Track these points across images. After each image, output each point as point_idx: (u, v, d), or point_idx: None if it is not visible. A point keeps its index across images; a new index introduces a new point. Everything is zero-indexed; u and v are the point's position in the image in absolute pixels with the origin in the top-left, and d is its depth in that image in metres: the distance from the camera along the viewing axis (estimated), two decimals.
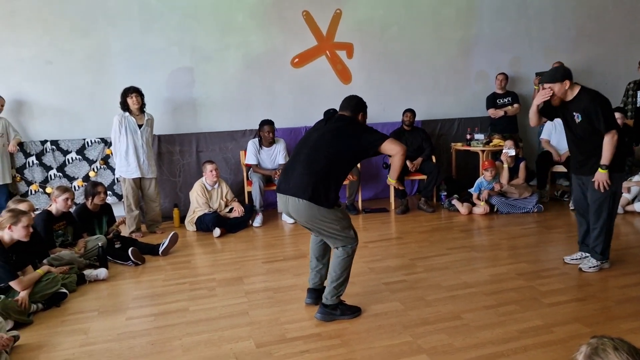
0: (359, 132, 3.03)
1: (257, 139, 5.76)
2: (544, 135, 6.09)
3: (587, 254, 3.85)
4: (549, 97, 3.59)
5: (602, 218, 3.64)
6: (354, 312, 3.15)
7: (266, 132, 5.64)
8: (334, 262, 3.11)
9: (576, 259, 3.90)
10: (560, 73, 3.55)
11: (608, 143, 3.49)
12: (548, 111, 3.75)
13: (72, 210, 4.45)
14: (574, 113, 3.57)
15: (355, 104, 3.18)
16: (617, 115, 5.79)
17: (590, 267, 3.73)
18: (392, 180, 3.30)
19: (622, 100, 6.77)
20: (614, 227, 3.74)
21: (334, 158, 2.96)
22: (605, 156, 3.50)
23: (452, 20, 6.80)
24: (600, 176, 3.54)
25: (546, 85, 3.56)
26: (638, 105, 6.43)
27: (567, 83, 3.51)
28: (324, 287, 3.28)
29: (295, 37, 6.26)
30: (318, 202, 2.92)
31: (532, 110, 3.78)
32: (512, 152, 5.72)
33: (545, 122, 3.72)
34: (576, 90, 3.55)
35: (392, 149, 2.98)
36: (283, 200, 3.04)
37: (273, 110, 6.09)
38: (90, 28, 5.59)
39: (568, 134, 3.75)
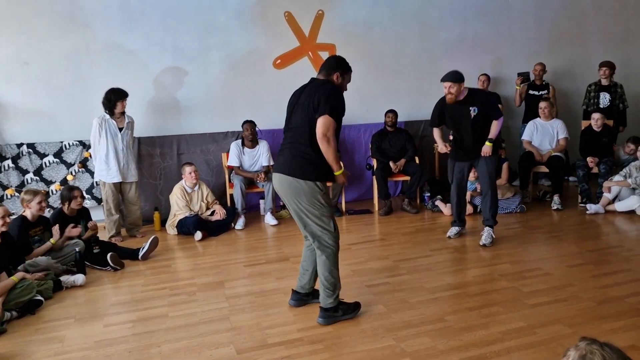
0: (321, 102, 2.86)
1: (239, 141, 5.70)
2: (525, 137, 6.10)
3: (460, 227, 4.76)
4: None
5: (492, 184, 4.50)
6: (355, 309, 3.14)
7: (245, 131, 5.59)
8: (318, 266, 3.06)
9: (456, 234, 4.73)
10: (459, 75, 4.25)
11: (496, 125, 4.37)
12: (440, 120, 4.58)
13: (48, 214, 4.35)
14: (470, 108, 4.31)
15: (332, 63, 3.09)
16: (597, 115, 5.90)
17: (490, 240, 4.45)
18: (337, 173, 2.99)
19: (583, 102, 6.76)
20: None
21: (314, 137, 2.89)
22: (493, 132, 4.38)
23: (436, 22, 6.82)
24: (487, 148, 4.39)
25: (446, 84, 4.24)
26: (601, 107, 6.48)
27: (462, 85, 4.26)
28: (310, 291, 3.26)
29: (279, 37, 6.21)
30: (300, 175, 2.90)
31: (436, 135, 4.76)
32: None
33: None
34: (466, 91, 4.31)
35: (319, 127, 2.83)
36: (273, 178, 3.10)
37: (256, 112, 6.02)
38: (68, 27, 5.46)
39: (462, 130, 4.45)
